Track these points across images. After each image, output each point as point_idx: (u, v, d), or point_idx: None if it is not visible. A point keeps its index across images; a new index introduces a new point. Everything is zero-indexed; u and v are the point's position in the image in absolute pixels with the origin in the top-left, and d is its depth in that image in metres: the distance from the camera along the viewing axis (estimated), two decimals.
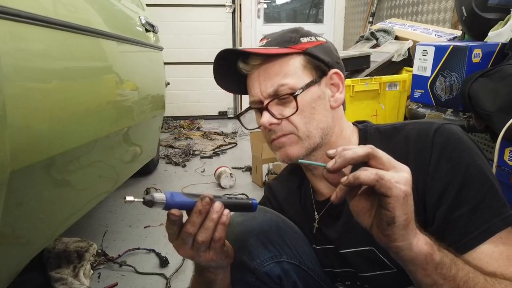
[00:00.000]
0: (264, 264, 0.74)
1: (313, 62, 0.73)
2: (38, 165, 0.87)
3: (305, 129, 0.72)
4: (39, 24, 0.87)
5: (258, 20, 4.56)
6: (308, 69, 0.73)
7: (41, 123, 0.88)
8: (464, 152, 0.64)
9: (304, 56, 0.73)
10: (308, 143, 0.73)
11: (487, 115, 1.12)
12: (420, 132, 0.68)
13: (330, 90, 0.76)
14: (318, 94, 0.73)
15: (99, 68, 1.26)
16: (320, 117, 0.73)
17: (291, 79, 0.71)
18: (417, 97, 1.43)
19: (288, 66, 0.72)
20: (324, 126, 0.74)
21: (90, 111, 1.17)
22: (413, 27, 2.32)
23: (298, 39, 0.74)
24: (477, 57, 1.25)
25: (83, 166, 1.25)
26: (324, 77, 0.75)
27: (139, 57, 1.74)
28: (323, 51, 0.75)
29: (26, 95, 0.82)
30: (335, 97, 0.75)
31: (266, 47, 0.74)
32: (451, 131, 0.66)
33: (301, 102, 0.71)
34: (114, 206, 2.23)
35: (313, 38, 0.75)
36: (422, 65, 1.40)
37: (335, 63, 0.76)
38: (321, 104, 0.73)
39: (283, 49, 0.72)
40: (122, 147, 1.61)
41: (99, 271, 1.59)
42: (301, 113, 0.72)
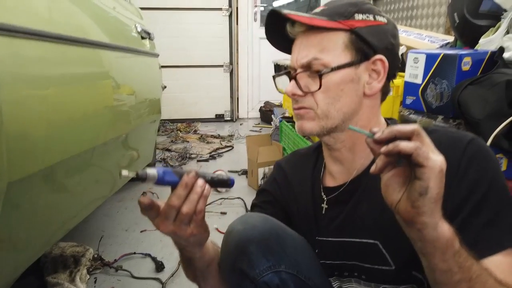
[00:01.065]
0: (263, 274, 0.74)
1: (358, 43, 0.70)
2: (35, 175, 0.89)
3: (325, 108, 0.71)
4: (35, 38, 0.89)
5: (255, 23, 4.58)
6: (350, 49, 0.70)
7: (38, 133, 0.89)
8: (491, 167, 0.65)
9: (350, 34, 0.69)
10: (325, 122, 0.72)
11: (476, 122, 1.14)
12: (454, 139, 0.68)
13: (368, 76, 0.72)
14: (351, 77, 0.70)
15: (95, 77, 1.28)
16: (346, 101, 0.71)
17: (327, 55, 0.69)
18: (409, 103, 1.46)
19: (329, 41, 0.70)
20: (347, 110, 0.71)
21: (87, 120, 1.19)
22: (407, 32, 2.34)
23: (352, 14, 0.70)
24: (467, 65, 1.27)
25: (80, 174, 1.27)
26: (366, 61, 0.71)
27: (134, 65, 1.76)
28: (375, 34, 0.70)
29: (22, 106, 0.83)
30: (371, 85, 0.71)
31: (315, 16, 0.71)
32: (482, 145, 0.68)
33: (328, 82, 0.69)
34: (111, 210, 2.25)
35: (370, 17, 0.70)
36: (414, 73, 1.42)
37: (384, 48, 0.71)
38: (352, 88, 0.71)
39: (329, 22, 0.70)
40: (119, 153, 1.63)
41: (95, 276, 1.60)
42: (326, 92, 0.70)
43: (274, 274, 0.74)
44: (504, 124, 1.04)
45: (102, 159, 1.44)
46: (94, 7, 1.38)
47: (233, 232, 0.76)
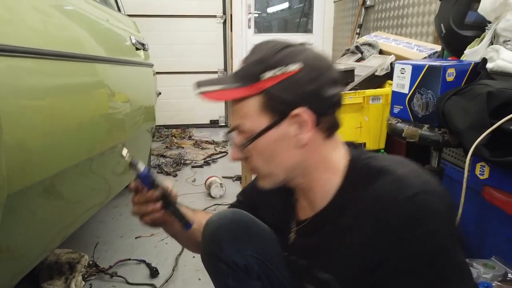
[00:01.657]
0: (231, 255, 0.86)
1: (272, 104, 0.68)
2: (34, 186, 0.91)
3: (265, 169, 0.73)
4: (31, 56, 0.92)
5: (249, 30, 4.63)
6: (266, 111, 0.69)
7: (36, 145, 0.92)
8: (424, 233, 0.61)
9: (262, 97, 0.69)
10: (272, 180, 0.75)
11: (459, 132, 1.18)
12: (392, 193, 0.64)
13: (295, 129, 0.70)
14: (276, 137, 0.70)
15: (90, 89, 1.31)
16: (282, 158, 0.71)
17: (247, 121, 0.70)
18: (396, 112, 1.50)
19: (246, 107, 0.70)
20: (288, 165, 0.72)
21: (84, 131, 1.22)
22: (397, 41, 2.40)
23: (261, 73, 0.68)
24: (451, 76, 1.32)
25: (77, 183, 1.29)
26: (286, 117, 0.69)
27: (129, 76, 1.79)
28: (288, 88, 0.68)
29: (21, 119, 0.86)
30: (299, 137, 0.70)
31: (226, 87, 0.72)
32: (420, 206, 0.61)
33: (257, 146, 0.71)
34: (106, 217, 2.27)
35: (280, 70, 0.67)
36: (401, 82, 1.46)
37: (303, 99, 0.68)
38: (282, 145, 0.70)
39: (238, 90, 0.70)
40: (114, 162, 1.65)
41: (91, 282, 1.63)
42: (259, 156, 0.72)
43: (241, 256, 0.86)
44: (485, 135, 1.08)
45: (98, 168, 1.46)
46: (89, 21, 1.42)
47: (209, 223, 0.89)
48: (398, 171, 0.66)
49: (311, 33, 4.70)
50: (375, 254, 0.65)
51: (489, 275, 1.06)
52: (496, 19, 1.50)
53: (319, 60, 0.71)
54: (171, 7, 4.36)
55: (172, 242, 1.97)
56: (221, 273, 0.92)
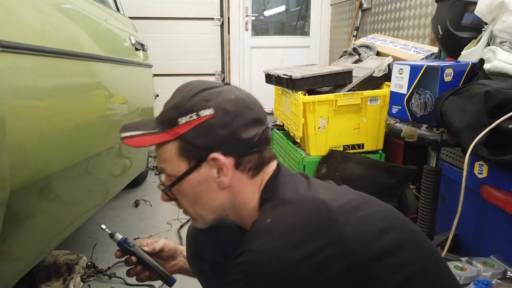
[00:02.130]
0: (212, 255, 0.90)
1: (188, 149, 0.69)
2: (34, 184, 0.91)
3: (193, 211, 0.75)
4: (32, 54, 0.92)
5: (246, 32, 4.64)
6: (183, 156, 0.70)
7: (37, 144, 0.92)
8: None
9: (178, 143, 0.69)
10: (202, 220, 0.76)
11: (456, 131, 1.20)
12: (242, 242, 0.65)
13: (215, 172, 0.70)
14: (197, 180, 0.70)
15: (90, 89, 1.31)
16: (206, 199, 0.72)
17: (168, 166, 0.71)
18: (395, 112, 1.51)
19: (165, 152, 0.71)
20: (213, 206, 0.73)
21: (83, 130, 1.22)
22: (394, 43, 2.42)
23: (176, 119, 0.69)
24: (449, 76, 1.33)
25: (75, 183, 1.29)
26: (204, 161, 0.69)
27: (128, 76, 1.79)
28: (202, 133, 0.68)
29: (23, 118, 0.86)
30: (220, 180, 0.70)
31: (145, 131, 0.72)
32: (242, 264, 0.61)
33: (181, 189, 0.72)
34: (103, 219, 2.26)
35: (193, 116, 0.67)
36: (399, 83, 1.48)
37: (217, 144, 0.68)
38: (204, 188, 0.71)
39: (156, 136, 0.71)
40: (113, 163, 1.65)
41: (89, 283, 1.62)
42: (184, 198, 0.73)
43: (221, 256, 0.87)
44: (483, 134, 1.09)
45: (96, 168, 1.46)
46: (89, 21, 1.42)
47: (191, 226, 0.94)
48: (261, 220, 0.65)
49: (308, 36, 4.72)
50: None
51: (488, 273, 1.06)
52: (493, 20, 1.52)
53: (234, 103, 0.69)
54: (168, 9, 4.37)
55: None
56: (205, 273, 0.96)
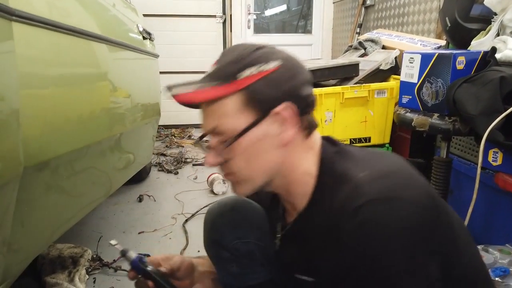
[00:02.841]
0: (232, 242, 0.86)
1: (253, 101, 0.66)
2: (42, 164, 0.90)
3: (245, 172, 0.69)
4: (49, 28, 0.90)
5: (248, 30, 4.63)
6: (247, 109, 0.66)
7: (52, 121, 0.91)
8: (370, 245, 0.57)
9: (242, 95, 0.66)
10: (251, 184, 0.71)
11: (471, 118, 1.18)
12: (345, 203, 0.61)
13: (277, 126, 0.68)
14: (258, 136, 0.67)
15: (98, 72, 1.30)
16: (262, 158, 0.68)
17: (227, 122, 0.66)
18: (405, 102, 1.49)
19: (225, 107, 0.66)
20: (267, 167, 0.70)
21: (92, 113, 1.20)
22: (399, 37, 2.41)
23: (240, 71, 0.66)
24: (461, 64, 1.32)
25: (80, 171, 1.27)
26: (268, 114, 0.67)
27: (136, 63, 1.78)
28: (268, 85, 0.66)
29: (37, 94, 0.85)
30: (282, 136, 0.68)
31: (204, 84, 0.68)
32: (367, 219, 0.57)
33: (238, 147, 0.67)
34: (107, 213, 2.24)
35: (259, 68, 0.66)
36: (409, 72, 1.46)
37: (283, 96, 0.67)
38: (264, 145, 0.68)
39: (218, 88, 0.66)
40: (116, 153, 1.63)
41: (94, 276, 1.60)
42: (239, 158, 0.68)
43: (242, 243, 0.85)
44: (500, 118, 1.08)
45: (102, 158, 1.44)
46: (97, 5, 1.40)
47: (210, 211, 0.90)
48: (357, 176, 0.63)
49: (310, 34, 4.72)
50: (340, 264, 0.62)
51: (506, 260, 1.05)
52: (503, 10, 1.51)
53: (294, 60, 0.70)
54: (170, 6, 4.36)
55: (176, 237, 1.95)
56: (224, 261, 0.91)
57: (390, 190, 0.59)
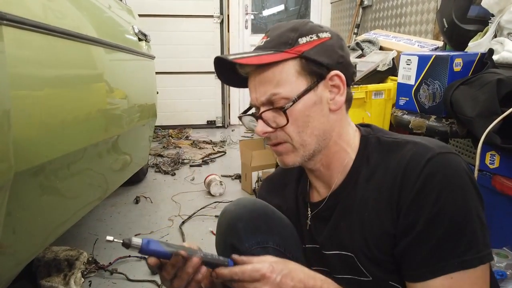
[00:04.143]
0: (251, 247, 0.80)
1: (310, 66, 0.70)
2: (37, 168, 0.88)
3: (299, 138, 0.71)
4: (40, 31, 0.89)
5: (246, 30, 4.62)
6: (303, 74, 0.70)
7: (43, 125, 0.90)
8: (448, 189, 0.62)
9: (299, 61, 0.70)
10: (303, 151, 0.73)
11: (468, 120, 1.17)
12: (414, 157, 0.66)
13: (329, 92, 0.72)
14: (314, 100, 0.71)
15: (93, 74, 1.28)
16: (316, 123, 0.71)
17: (284, 88, 0.69)
18: (402, 104, 1.49)
19: (281, 74, 0.69)
20: (320, 132, 0.72)
21: (87, 116, 1.19)
22: (397, 38, 2.40)
23: (296, 40, 0.70)
24: (458, 66, 1.31)
25: (75, 173, 1.26)
26: (322, 80, 0.71)
27: (131, 65, 1.76)
28: (323, 52, 0.71)
29: (25, 101, 0.84)
30: (335, 100, 0.72)
31: (258, 52, 0.71)
32: (443, 164, 0.64)
33: (294, 112, 0.69)
34: (104, 215, 2.23)
35: (313, 37, 0.71)
36: (407, 74, 1.45)
37: (336, 63, 0.71)
38: (318, 110, 0.71)
39: (275, 54, 0.69)
40: (112, 155, 1.62)
41: (90, 279, 1.59)
42: (295, 123, 0.70)
43: (262, 249, 0.80)
44: (497, 121, 1.07)
45: (97, 160, 1.43)
46: (93, 7, 1.39)
47: (226, 213, 0.84)
48: (415, 139, 0.70)
49: None
50: (396, 220, 0.66)
51: (503, 264, 1.04)
52: (500, 12, 1.50)
53: (339, 35, 0.76)
54: (167, 6, 4.34)
55: (172, 239, 1.94)
56: None
57: (449, 148, 0.67)
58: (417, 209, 0.64)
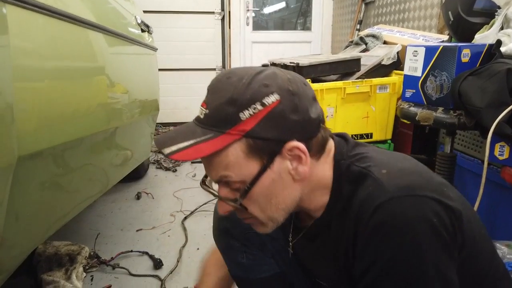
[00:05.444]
0: (244, 232, 0.84)
1: (258, 146, 0.59)
2: (39, 154, 0.87)
3: (264, 215, 0.65)
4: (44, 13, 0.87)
5: (247, 27, 4.60)
6: (253, 155, 0.60)
7: (46, 111, 0.88)
8: (396, 242, 0.55)
9: (245, 141, 0.59)
10: (272, 223, 0.67)
11: (477, 111, 1.15)
12: (365, 201, 0.59)
13: (289, 162, 0.62)
14: (271, 178, 0.62)
15: (96, 62, 1.27)
16: (280, 199, 0.64)
17: (234, 171, 0.61)
18: (408, 96, 1.47)
19: (227, 157, 0.60)
20: (287, 204, 0.65)
21: (88, 105, 1.18)
22: (401, 32, 2.38)
23: (236, 116, 0.58)
24: (466, 57, 1.29)
25: (77, 164, 1.23)
26: (278, 155, 0.61)
27: (134, 55, 1.74)
28: (272, 124, 0.59)
29: (32, 83, 0.83)
30: (297, 171, 0.63)
31: (196, 139, 0.60)
32: (394, 212, 0.55)
33: (252, 195, 0.62)
34: (104, 211, 2.21)
35: (257, 107, 0.58)
36: (413, 66, 1.43)
37: (291, 133, 0.60)
38: (279, 185, 0.63)
39: (215, 140, 0.59)
40: (113, 147, 1.60)
41: (92, 274, 1.57)
42: (255, 204, 0.64)
43: (254, 233, 0.82)
44: (507, 111, 1.05)
45: (99, 151, 1.41)
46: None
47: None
48: (376, 173, 0.61)
49: (310, 31, 4.69)
50: (357, 263, 0.61)
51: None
52: (507, 4, 1.48)
53: (294, 83, 0.62)
54: (168, 3, 4.31)
55: (175, 234, 1.92)
56: (234, 251, 0.91)
57: (412, 187, 0.57)
58: (366, 262, 0.58)
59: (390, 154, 0.68)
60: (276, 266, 0.92)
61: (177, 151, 0.60)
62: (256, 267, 0.91)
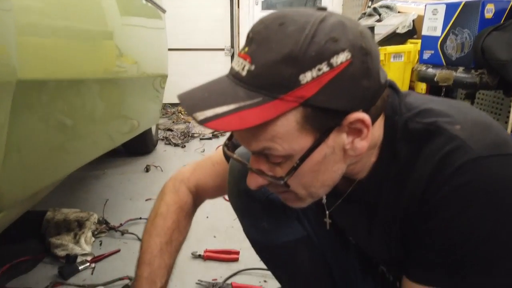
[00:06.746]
0: (267, 193, 0.74)
1: (318, 117, 0.48)
2: (39, 83, 0.84)
3: (305, 192, 0.56)
4: None
5: (256, 6, 4.53)
6: (308, 127, 0.49)
7: (47, 42, 0.85)
8: (477, 209, 0.47)
9: (302, 110, 0.48)
10: (312, 199, 0.58)
11: (502, 65, 1.10)
12: (442, 160, 0.50)
13: (346, 136, 0.52)
14: (323, 154, 0.51)
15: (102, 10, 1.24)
16: (329, 174, 0.54)
17: (281, 144, 0.50)
18: (427, 58, 1.42)
19: (276, 128, 0.48)
20: (334, 180, 0.56)
21: (94, 46, 1.14)
22: (416, 2, 2.31)
23: (296, 79, 0.46)
24: (490, 13, 1.23)
25: (77, 109, 1.16)
26: (337, 127, 0.50)
27: (143, 10, 1.70)
28: (339, 91, 0.47)
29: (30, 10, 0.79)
30: (354, 146, 0.52)
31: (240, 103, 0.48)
32: (481, 174, 0.47)
33: (298, 172, 0.52)
34: (113, 182, 2.19)
35: (323, 68, 0.46)
36: (432, 25, 1.38)
37: (359, 102, 0.49)
38: (330, 160, 0.53)
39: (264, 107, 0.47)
40: (120, 101, 1.56)
41: (101, 239, 1.55)
42: (299, 181, 0.54)
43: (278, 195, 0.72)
44: None
45: (101, 99, 1.35)
46: None
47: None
48: (451, 130, 0.51)
49: None
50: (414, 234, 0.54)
51: None
52: None
53: (366, 37, 0.50)
54: None
55: None
56: (254, 215, 0.80)
57: (497, 145, 0.49)
58: (435, 231, 0.51)
59: (449, 103, 0.57)
60: (301, 229, 0.82)
61: (214, 118, 0.47)
62: (279, 231, 0.81)
